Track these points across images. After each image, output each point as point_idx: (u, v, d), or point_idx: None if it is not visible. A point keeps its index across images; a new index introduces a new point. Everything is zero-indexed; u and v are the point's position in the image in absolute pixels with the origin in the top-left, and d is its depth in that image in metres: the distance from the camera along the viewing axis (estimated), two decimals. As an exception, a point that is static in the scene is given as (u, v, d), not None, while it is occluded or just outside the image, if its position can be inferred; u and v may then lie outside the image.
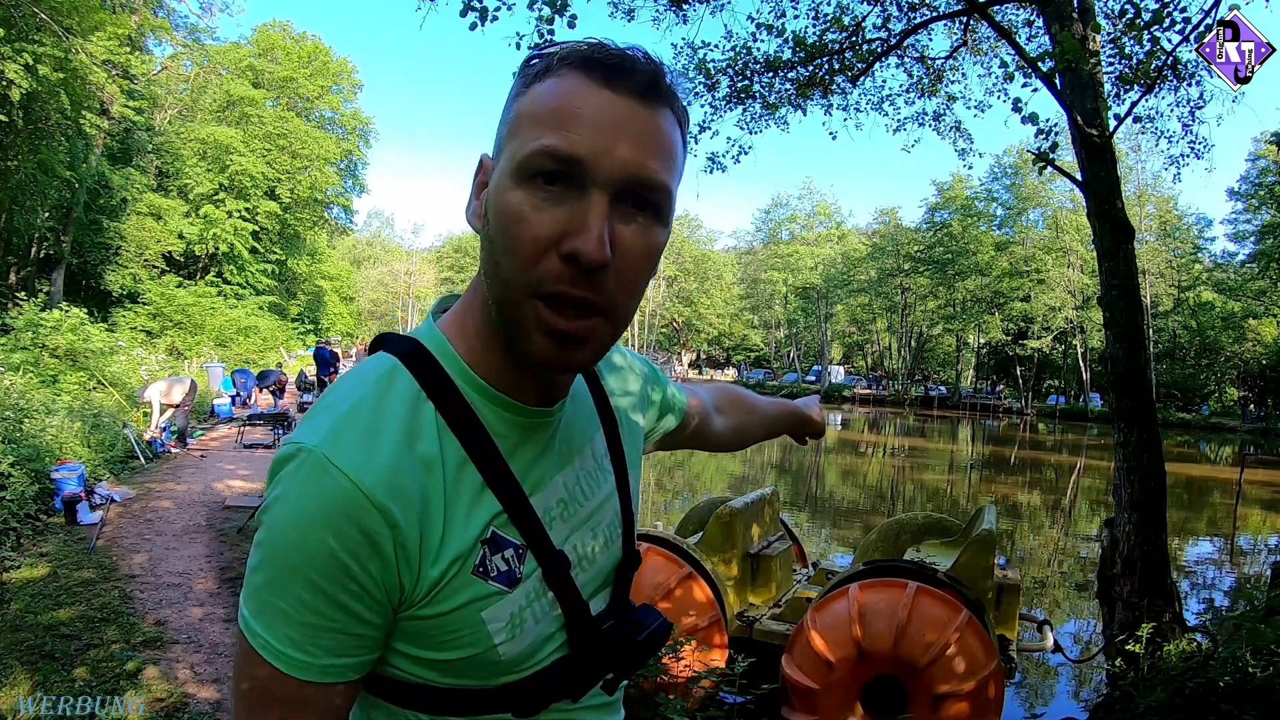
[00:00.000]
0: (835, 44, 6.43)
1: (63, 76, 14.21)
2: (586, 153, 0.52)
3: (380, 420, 0.58)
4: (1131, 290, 4.80)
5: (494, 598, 0.61)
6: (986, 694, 3.02)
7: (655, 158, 0.55)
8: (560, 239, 0.53)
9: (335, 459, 0.54)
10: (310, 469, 0.55)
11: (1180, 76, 5.90)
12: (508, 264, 0.55)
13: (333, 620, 0.56)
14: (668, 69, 0.58)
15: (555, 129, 0.53)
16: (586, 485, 0.71)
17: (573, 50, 0.56)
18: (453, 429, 0.60)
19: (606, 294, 0.55)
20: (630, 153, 0.53)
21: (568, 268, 0.53)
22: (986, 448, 23.74)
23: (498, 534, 0.61)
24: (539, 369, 0.60)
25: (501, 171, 0.56)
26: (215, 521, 6.19)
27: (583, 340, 0.56)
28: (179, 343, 20.08)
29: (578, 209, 0.53)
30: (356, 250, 61.23)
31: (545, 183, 0.53)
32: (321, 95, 30.37)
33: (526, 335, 0.56)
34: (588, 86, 0.54)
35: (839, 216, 53.70)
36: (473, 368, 0.62)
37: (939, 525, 4.64)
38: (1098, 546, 6.05)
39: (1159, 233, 38.57)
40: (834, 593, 3.33)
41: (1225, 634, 3.95)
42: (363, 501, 0.54)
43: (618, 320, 0.58)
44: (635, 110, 0.54)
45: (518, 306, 0.55)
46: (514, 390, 0.63)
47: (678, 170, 0.58)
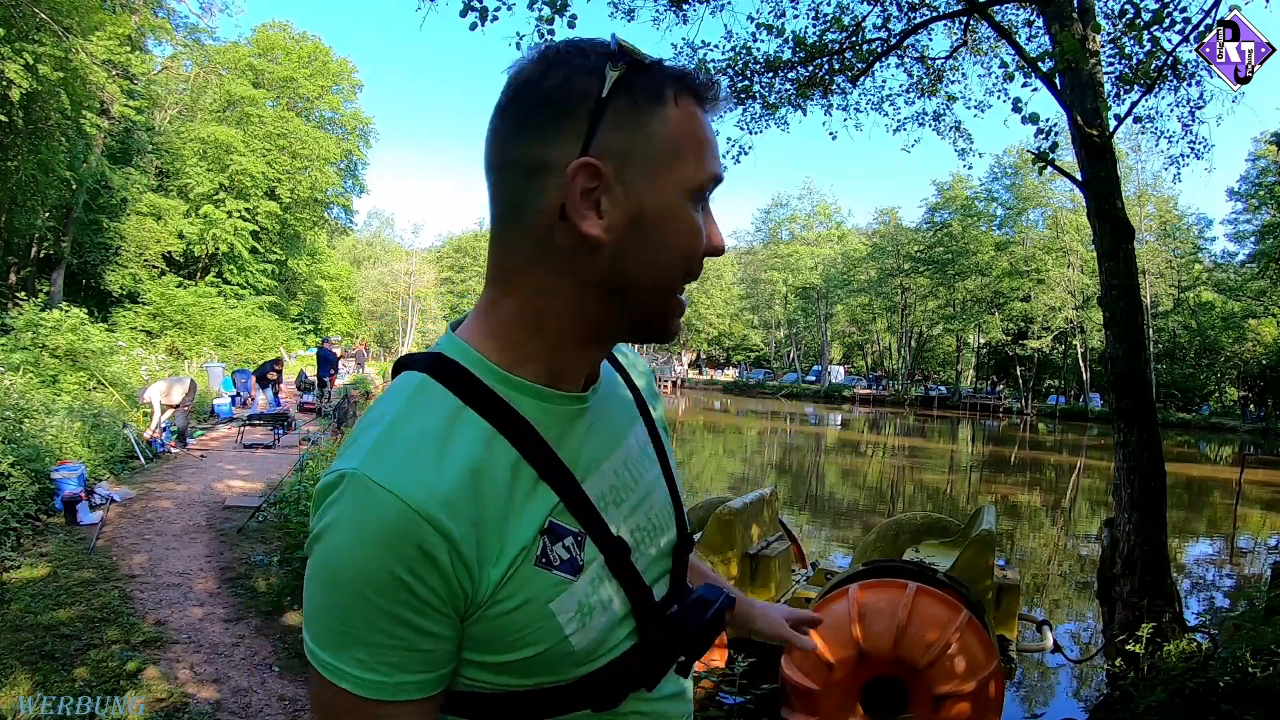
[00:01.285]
0: (835, 44, 6.43)
1: (63, 76, 14.20)
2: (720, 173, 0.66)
3: (419, 435, 0.59)
4: (1131, 290, 4.80)
5: (559, 587, 0.62)
6: (987, 694, 3.02)
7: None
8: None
9: (378, 479, 0.55)
10: (355, 492, 0.55)
11: (1180, 76, 5.90)
12: (676, 265, 0.64)
13: (399, 638, 0.56)
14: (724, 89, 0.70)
15: (712, 156, 0.65)
16: (635, 470, 0.73)
17: (684, 77, 0.64)
18: (498, 429, 0.61)
19: None
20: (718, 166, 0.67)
21: (699, 263, 0.66)
22: (986, 448, 23.74)
23: (555, 524, 0.62)
24: (666, 339, 0.69)
25: (669, 192, 0.62)
26: (215, 521, 6.19)
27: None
28: (179, 343, 20.08)
29: (708, 216, 0.67)
30: (356, 250, 61.21)
31: (697, 201, 0.64)
32: (321, 95, 30.38)
33: (671, 319, 0.67)
34: (702, 112, 0.65)
35: (839, 216, 53.74)
36: (505, 368, 0.64)
37: (938, 525, 4.64)
38: (1098, 546, 6.05)
39: (1159, 233, 38.55)
40: (834, 593, 3.33)
41: (1225, 634, 3.95)
42: (413, 517, 0.55)
43: None
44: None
45: (669, 298, 0.66)
46: (550, 380, 0.66)
47: None
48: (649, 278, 0.63)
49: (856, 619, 3.10)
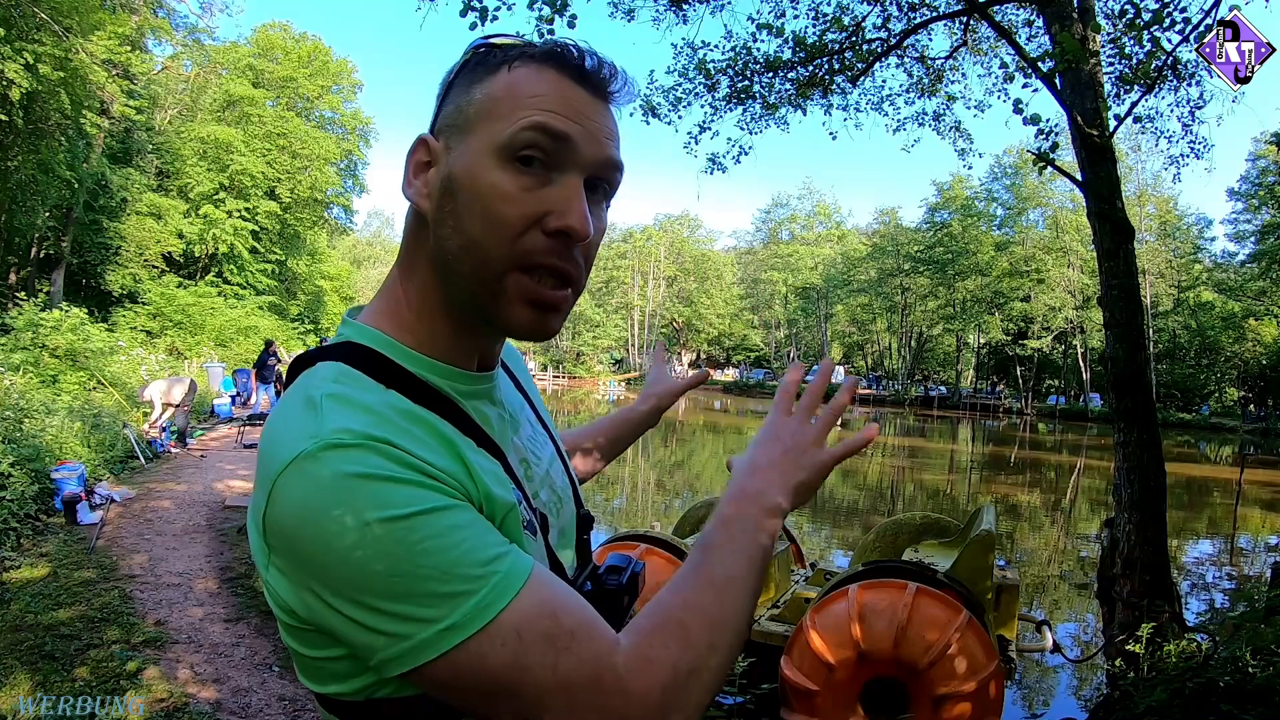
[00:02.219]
0: (835, 44, 6.43)
1: (63, 76, 14.20)
2: (574, 134, 0.57)
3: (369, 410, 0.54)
4: (1131, 290, 4.80)
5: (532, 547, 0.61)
6: (987, 694, 3.02)
7: (617, 145, 0.62)
8: (543, 216, 0.57)
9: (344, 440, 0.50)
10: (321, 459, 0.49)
11: (1180, 76, 5.91)
12: (490, 240, 0.57)
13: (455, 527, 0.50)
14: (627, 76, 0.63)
15: (544, 110, 0.57)
16: (534, 446, 0.73)
17: (546, 47, 0.60)
18: (425, 404, 0.58)
19: (580, 269, 0.61)
20: (602, 141, 0.60)
21: (554, 242, 0.57)
22: (986, 448, 23.74)
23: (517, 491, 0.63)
24: (520, 335, 0.63)
25: (475, 153, 0.58)
26: (215, 521, 6.19)
27: (558, 309, 0.61)
28: (179, 343, 20.06)
29: (559, 189, 0.58)
30: (356, 250, 61.24)
31: (524, 165, 0.57)
32: (321, 95, 30.35)
33: (508, 305, 0.59)
34: (563, 80, 0.59)
35: (839, 216, 53.77)
36: (415, 348, 0.62)
37: (937, 525, 4.64)
38: (1098, 546, 6.05)
39: (1159, 233, 38.56)
40: (833, 593, 3.33)
41: (1225, 634, 3.95)
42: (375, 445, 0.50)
43: (579, 292, 0.63)
44: (603, 108, 0.61)
45: (499, 279, 0.58)
46: (456, 359, 0.65)
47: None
48: (457, 246, 0.58)
49: (856, 619, 3.10)
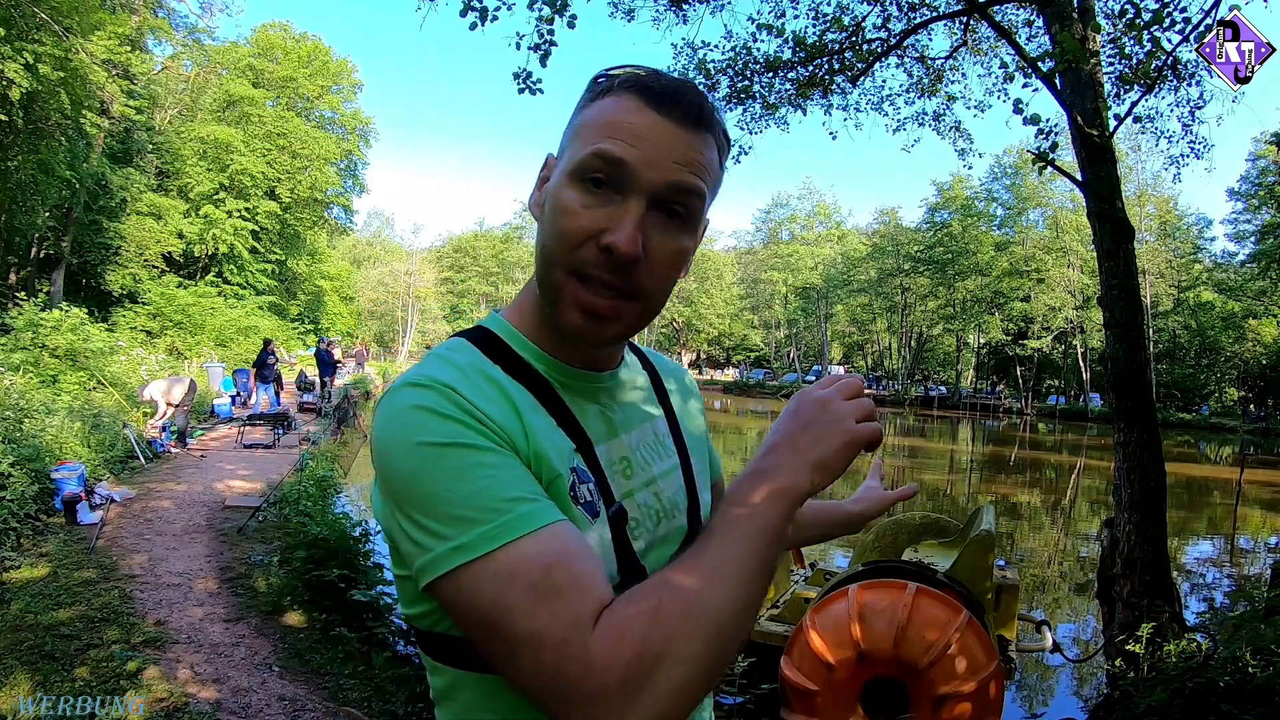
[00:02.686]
0: (835, 44, 6.43)
1: (63, 76, 14.20)
2: (632, 159, 0.61)
3: (450, 366, 0.64)
4: (1131, 290, 4.80)
5: (582, 523, 0.64)
6: (987, 694, 3.02)
7: (690, 172, 0.63)
8: (599, 233, 0.62)
9: (418, 380, 0.61)
10: (405, 390, 0.60)
11: (1180, 76, 5.91)
12: (553, 247, 0.64)
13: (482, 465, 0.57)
14: (713, 101, 0.67)
15: (610, 137, 0.62)
16: (648, 454, 0.76)
17: (633, 74, 0.65)
18: (517, 379, 0.67)
19: (636, 284, 0.63)
20: (668, 166, 0.62)
21: (603, 256, 0.62)
22: (986, 447, 23.74)
23: (579, 466, 0.67)
24: (572, 338, 0.68)
25: (560, 171, 0.66)
26: (215, 521, 6.19)
27: (611, 318, 0.64)
28: (179, 343, 20.06)
29: (618, 210, 0.62)
30: (356, 250, 61.19)
31: (594, 186, 0.63)
32: (321, 95, 30.35)
33: (562, 307, 0.65)
34: (640, 107, 0.63)
35: (839, 216, 53.72)
36: (528, 338, 0.71)
37: (937, 525, 4.63)
38: (1098, 546, 6.05)
39: (1159, 233, 38.56)
40: (833, 594, 3.32)
41: (1225, 634, 3.95)
42: (448, 392, 0.60)
43: (647, 306, 0.66)
44: (677, 133, 0.63)
45: (557, 282, 0.64)
46: (568, 357, 0.72)
47: (710, 186, 0.66)
48: (538, 251, 0.67)
49: (856, 619, 3.10)
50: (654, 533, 0.72)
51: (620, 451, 0.73)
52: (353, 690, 3.48)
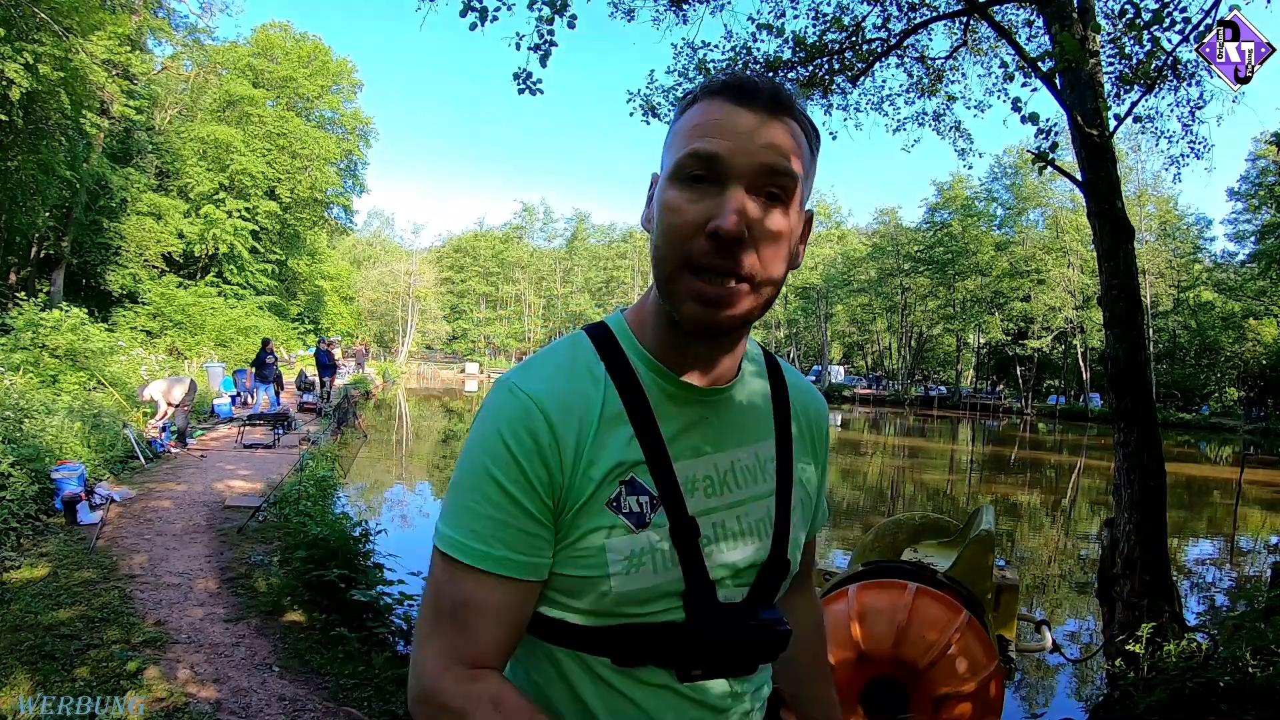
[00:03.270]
0: (835, 44, 6.43)
1: (63, 76, 14.20)
2: (724, 151, 0.65)
3: (559, 366, 0.74)
4: (1131, 290, 4.80)
5: (619, 530, 0.70)
6: (987, 694, 3.02)
7: (780, 153, 0.67)
8: (705, 222, 0.65)
9: (520, 385, 0.71)
10: (501, 392, 0.72)
11: (1180, 76, 5.91)
12: (665, 246, 0.67)
13: (509, 514, 0.68)
14: (789, 88, 0.71)
15: (701, 138, 0.66)
16: (740, 476, 0.78)
17: (714, 80, 0.70)
18: (614, 383, 0.72)
19: (745, 266, 0.66)
20: (758, 150, 0.66)
21: (711, 243, 0.65)
22: (986, 447, 23.74)
23: (636, 479, 0.71)
24: (694, 331, 0.70)
25: (664, 178, 0.70)
26: (215, 521, 6.19)
27: (725, 302, 0.67)
28: (179, 343, 20.06)
29: (719, 199, 0.65)
30: (356, 250, 61.18)
31: (695, 182, 0.67)
32: (321, 95, 30.36)
33: (681, 302, 0.67)
34: (725, 105, 0.67)
35: (839, 216, 53.67)
36: (642, 342, 0.76)
37: (936, 525, 4.63)
38: (1098, 546, 6.05)
39: (1159, 233, 38.56)
40: (833, 594, 3.32)
41: (1225, 634, 3.95)
42: (532, 408, 0.69)
43: (759, 286, 0.68)
44: (763, 120, 0.67)
45: (674, 280, 0.67)
46: (677, 366, 0.75)
47: (804, 166, 0.70)
48: (653, 256, 0.70)
49: (856, 619, 3.10)
50: (726, 554, 0.74)
51: (705, 470, 0.75)
52: (353, 690, 3.48)
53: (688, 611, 0.71)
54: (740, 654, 0.74)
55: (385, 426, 18.74)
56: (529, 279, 57.66)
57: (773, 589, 0.78)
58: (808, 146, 0.71)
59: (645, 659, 0.71)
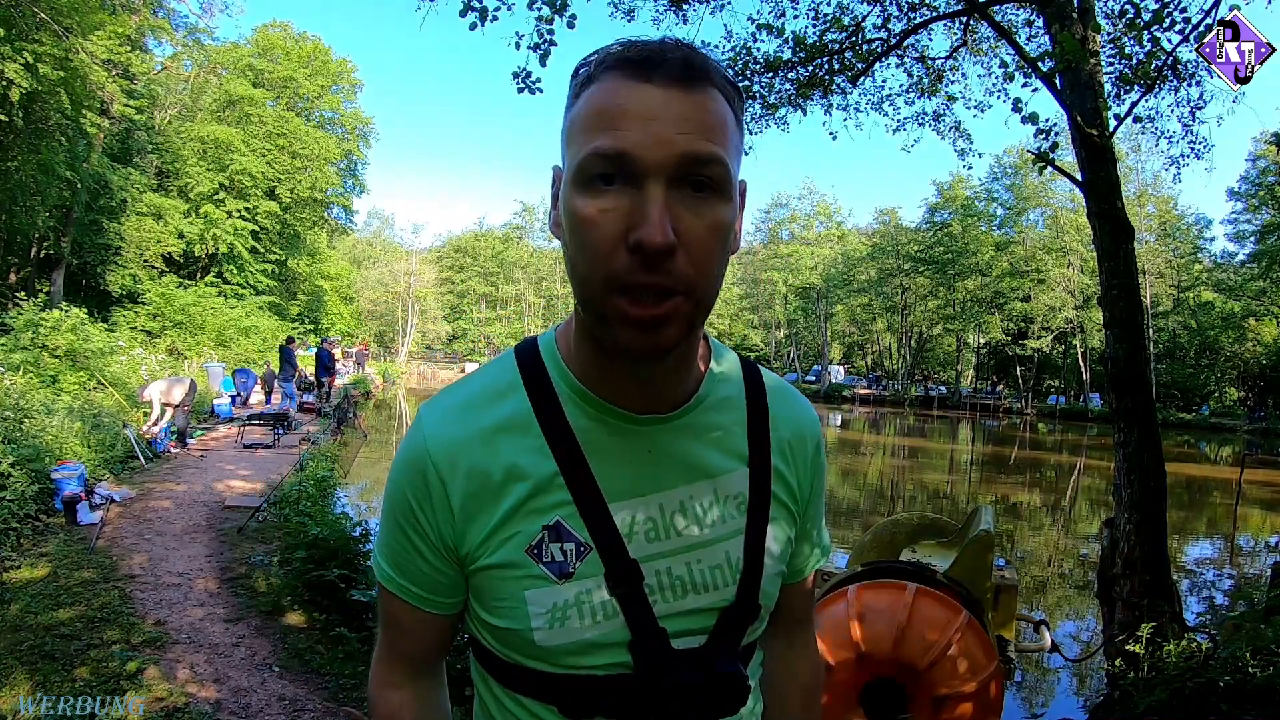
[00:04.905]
0: (835, 44, 6.42)
1: (63, 76, 14.20)
2: (633, 146, 0.54)
3: (475, 399, 0.69)
4: (1131, 290, 4.79)
5: (539, 581, 0.64)
6: (987, 695, 3.02)
7: (703, 135, 0.55)
8: (625, 233, 0.55)
9: (425, 422, 0.68)
10: (413, 427, 0.70)
11: (1180, 76, 5.90)
12: (583, 264, 0.57)
13: (406, 552, 0.69)
14: (701, 50, 0.59)
15: (602, 130, 0.55)
16: (693, 516, 0.68)
17: (608, 53, 0.58)
18: (538, 418, 0.66)
19: (679, 275, 0.55)
20: (675, 136, 0.54)
21: (637, 258, 0.54)
22: (986, 448, 23.73)
23: (562, 524, 0.65)
24: (630, 357, 0.60)
25: (566, 180, 0.59)
26: (215, 521, 6.19)
27: (664, 322, 0.57)
28: (179, 343, 20.06)
29: (637, 201, 0.54)
30: (356, 250, 61.15)
31: (604, 184, 0.56)
32: (321, 95, 30.35)
33: (613, 329, 0.58)
34: (626, 84, 0.56)
35: (839, 216, 53.61)
36: (570, 366, 0.68)
37: (934, 525, 4.63)
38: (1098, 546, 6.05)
39: (1159, 233, 38.53)
40: (832, 594, 3.32)
41: (1225, 634, 3.95)
42: (424, 457, 0.66)
43: (698, 297, 0.58)
44: (674, 95, 0.55)
45: (600, 303, 0.57)
46: (608, 393, 0.66)
47: (731, 143, 0.58)
48: (571, 275, 0.60)
49: (856, 620, 3.10)
50: (676, 604, 0.67)
51: (647, 511, 0.66)
52: (353, 690, 3.48)
53: (636, 661, 0.65)
54: (697, 704, 0.67)
55: (385, 426, 18.73)
56: (529, 279, 57.63)
57: (737, 633, 0.70)
58: (732, 114, 0.59)
59: (593, 711, 0.65)
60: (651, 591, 0.66)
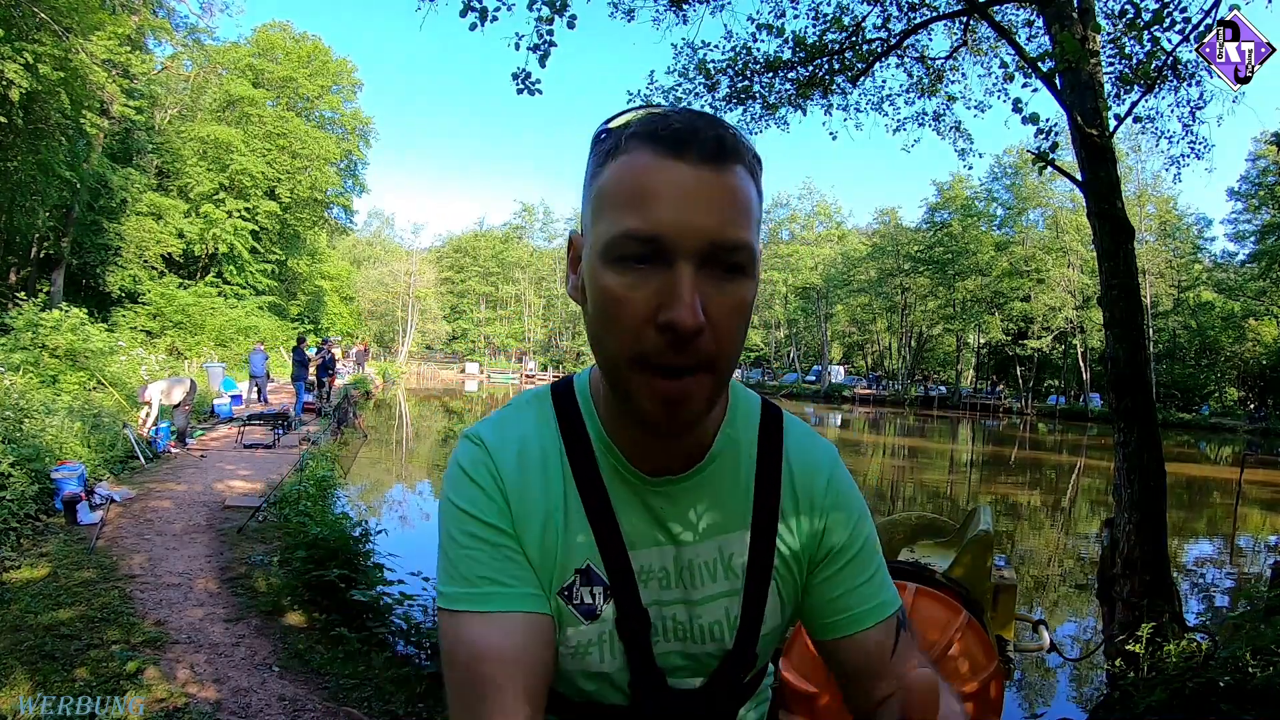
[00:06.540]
0: (835, 44, 6.43)
1: (63, 76, 14.20)
2: (667, 229, 0.55)
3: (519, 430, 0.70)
4: (1131, 290, 4.80)
5: (571, 619, 0.67)
6: (987, 695, 3.01)
7: (732, 220, 0.57)
8: (655, 312, 0.55)
9: (482, 434, 0.69)
10: (463, 441, 0.70)
11: (1180, 76, 5.91)
12: (612, 341, 0.58)
13: (483, 538, 0.64)
14: (730, 127, 0.59)
15: (634, 210, 0.55)
16: (698, 573, 0.71)
17: (639, 125, 0.58)
18: (572, 465, 0.68)
19: (705, 353, 0.57)
20: (708, 220, 0.55)
21: (666, 337, 0.55)
22: (986, 447, 23.74)
23: (593, 569, 0.67)
24: (653, 430, 0.61)
25: (593, 251, 0.59)
26: (215, 521, 6.19)
27: (686, 398, 0.58)
28: (179, 343, 20.08)
29: (667, 282, 0.55)
30: (356, 250, 61.17)
31: (636, 263, 0.56)
32: (321, 95, 30.36)
33: (638, 402, 0.59)
34: (658, 161, 0.56)
35: (839, 216, 53.65)
36: (600, 416, 0.70)
37: (933, 525, 4.63)
38: (1098, 546, 6.05)
39: (1159, 233, 38.53)
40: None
41: (1225, 634, 3.95)
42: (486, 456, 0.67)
43: (720, 373, 0.60)
44: (705, 177, 0.56)
45: (627, 378, 0.59)
46: (628, 449, 0.68)
47: (755, 222, 0.60)
48: (593, 344, 0.61)
49: (856, 619, 3.09)
50: (676, 645, 0.71)
51: (662, 561, 0.69)
52: (353, 690, 3.48)
53: (633, 696, 0.69)
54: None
55: (385, 426, 18.74)
56: (529, 279, 57.65)
57: (733, 680, 0.73)
58: (756, 190, 0.60)
59: None
60: (655, 633, 0.70)
